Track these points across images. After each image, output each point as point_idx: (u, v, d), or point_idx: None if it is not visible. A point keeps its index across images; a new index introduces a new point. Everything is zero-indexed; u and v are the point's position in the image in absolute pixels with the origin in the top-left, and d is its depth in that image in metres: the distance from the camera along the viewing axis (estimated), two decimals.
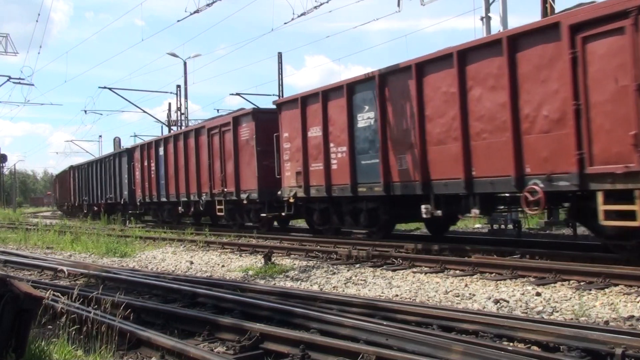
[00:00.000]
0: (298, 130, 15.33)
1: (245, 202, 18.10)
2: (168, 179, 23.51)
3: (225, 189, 18.97)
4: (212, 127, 20.09)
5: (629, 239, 8.98)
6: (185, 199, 22.13)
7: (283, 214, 16.43)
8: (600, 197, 8.56)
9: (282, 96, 33.50)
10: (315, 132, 14.82)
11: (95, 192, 34.03)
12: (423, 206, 11.82)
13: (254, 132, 17.48)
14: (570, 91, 8.82)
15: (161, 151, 24.20)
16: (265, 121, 17.37)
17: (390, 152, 12.51)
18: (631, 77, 8.11)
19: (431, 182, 11.56)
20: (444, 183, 11.27)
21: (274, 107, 16.97)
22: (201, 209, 20.95)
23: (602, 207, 8.53)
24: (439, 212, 11.68)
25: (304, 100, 15.15)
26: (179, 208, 22.78)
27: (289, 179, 15.89)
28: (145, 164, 25.84)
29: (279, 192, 16.32)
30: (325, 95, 14.34)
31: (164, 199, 24.23)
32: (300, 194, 15.38)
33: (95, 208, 34.10)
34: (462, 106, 10.72)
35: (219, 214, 19.92)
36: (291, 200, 15.73)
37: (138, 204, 26.90)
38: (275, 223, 19.54)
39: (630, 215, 8.18)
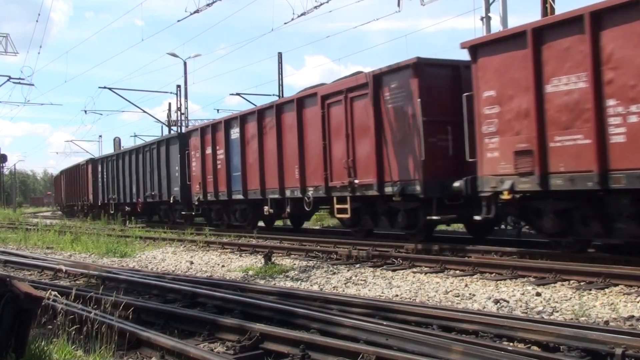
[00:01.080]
0: (524, 84, 9.55)
1: (395, 198, 12.46)
2: (246, 169, 18.06)
3: (356, 181, 13.51)
4: (331, 94, 14.36)
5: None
6: (277, 196, 16.59)
7: (478, 218, 10.74)
8: None
9: (282, 96, 32.90)
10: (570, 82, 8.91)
11: (128, 188, 28.19)
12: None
13: (417, 93, 11.79)
14: None
15: (234, 133, 18.80)
16: (435, 78, 12.05)
17: None
18: None
19: None
20: None
21: (443, 59, 12.61)
22: (307, 208, 15.53)
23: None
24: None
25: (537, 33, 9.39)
26: (266, 208, 17.21)
27: (495, 161, 10.03)
28: (209, 151, 20.19)
29: (460, 183, 10.76)
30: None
31: (238, 196, 18.50)
32: (525, 184, 9.59)
33: (128, 208, 28.36)
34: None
35: (339, 215, 14.55)
36: (506, 196, 9.80)
37: (196, 202, 21.16)
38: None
39: None
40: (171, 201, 23.28)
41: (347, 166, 13.71)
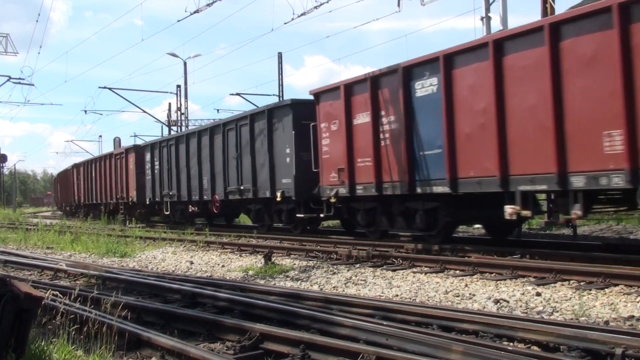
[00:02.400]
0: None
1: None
2: (456, 143, 10.93)
3: None
4: None
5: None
6: (544, 187, 9.47)
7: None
8: None
9: (282, 97, 32.91)
10: None
11: (196, 182, 21.12)
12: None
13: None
14: None
15: (420, 88, 11.64)
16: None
17: None
18: None
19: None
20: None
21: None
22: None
23: None
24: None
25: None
26: (508, 209, 9.86)
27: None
28: (358, 120, 13.28)
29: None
30: None
31: (434, 188, 11.43)
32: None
33: (194, 208, 21.94)
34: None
35: None
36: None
37: (332, 198, 14.02)
38: None
39: None
40: (278, 198, 16.23)
41: None
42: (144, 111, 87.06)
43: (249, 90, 72.01)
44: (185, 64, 37.97)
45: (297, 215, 16.02)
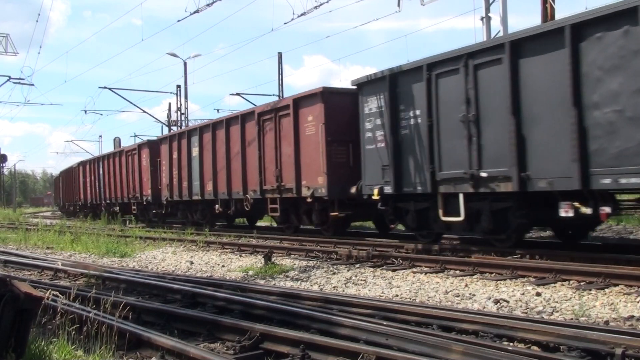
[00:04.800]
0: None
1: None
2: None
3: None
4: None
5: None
6: None
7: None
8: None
9: (282, 96, 32.79)
10: None
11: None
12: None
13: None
14: None
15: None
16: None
17: None
18: None
19: None
20: None
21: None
22: None
23: None
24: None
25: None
26: None
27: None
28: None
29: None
30: None
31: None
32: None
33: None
34: None
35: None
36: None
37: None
38: None
39: None
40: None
41: None
42: (144, 111, 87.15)
43: (249, 90, 72.02)
44: (185, 64, 38.01)
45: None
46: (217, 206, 19.73)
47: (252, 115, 17.56)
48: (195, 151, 21.22)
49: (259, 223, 22.82)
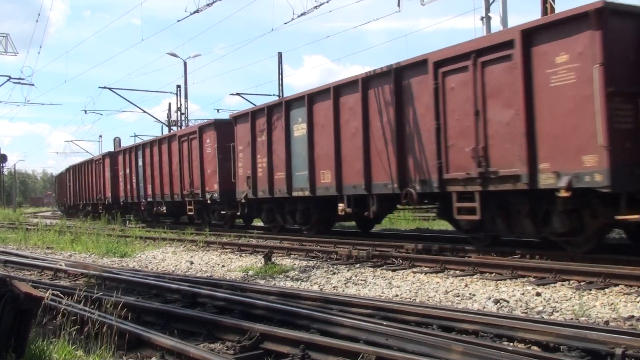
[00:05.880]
0: None
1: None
2: None
3: None
4: None
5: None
6: None
7: None
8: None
9: (282, 96, 32.74)
10: None
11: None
12: None
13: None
14: None
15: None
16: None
17: None
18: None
19: None
20: None
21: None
22: None
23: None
24: None
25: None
26: None
27: None
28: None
29: None
30: None
31: None
32: None
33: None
34: None
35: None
36: None
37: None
38: None
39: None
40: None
41: None
42: (144, 111, 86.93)
43: (249, 90, 72.00)
44: (185, 64, 38.00)
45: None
46: (342, 205, 14.04)
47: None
48: (299, 129, 15.34)
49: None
